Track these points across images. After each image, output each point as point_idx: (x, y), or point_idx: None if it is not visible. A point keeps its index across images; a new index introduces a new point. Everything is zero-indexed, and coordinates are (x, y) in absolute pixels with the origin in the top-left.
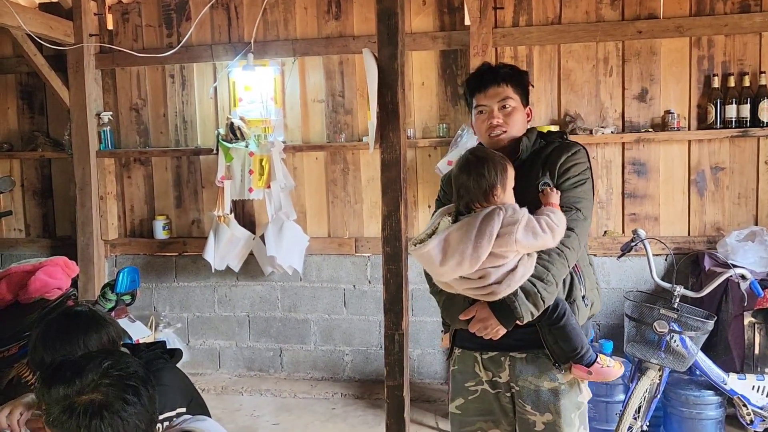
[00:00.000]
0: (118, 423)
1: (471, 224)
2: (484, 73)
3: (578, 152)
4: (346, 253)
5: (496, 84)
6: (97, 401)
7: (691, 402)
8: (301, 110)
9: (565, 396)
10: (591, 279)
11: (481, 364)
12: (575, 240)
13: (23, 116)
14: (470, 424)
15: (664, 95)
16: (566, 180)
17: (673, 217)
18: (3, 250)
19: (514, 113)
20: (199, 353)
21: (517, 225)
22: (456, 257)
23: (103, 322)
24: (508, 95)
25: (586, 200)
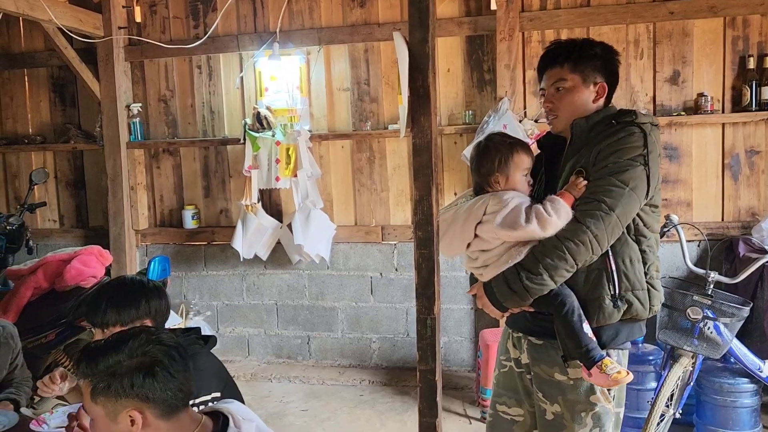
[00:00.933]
0: (168, 378)
1: (466, 208)
2: (545, 55)
3: (629, 137)
4: (372, 241)
5: (552, 65)
6: (147, 361)
7: (726, 390)
8: (326, 99)
9: (573, 392)
10: (635, 278)
11: (512, 341)
12: (584, 234)
13: (56, 109)
14: (499, 396)
15: (697, 77)
16: (601, 168)
17: (706, 202)
18: (38, 240)
19: (567, 95)
20: (228, 341)
21: (497, 214)
22: (447, 237)
23: (163, 294)
24: (562, 76)
25: (620, 190)
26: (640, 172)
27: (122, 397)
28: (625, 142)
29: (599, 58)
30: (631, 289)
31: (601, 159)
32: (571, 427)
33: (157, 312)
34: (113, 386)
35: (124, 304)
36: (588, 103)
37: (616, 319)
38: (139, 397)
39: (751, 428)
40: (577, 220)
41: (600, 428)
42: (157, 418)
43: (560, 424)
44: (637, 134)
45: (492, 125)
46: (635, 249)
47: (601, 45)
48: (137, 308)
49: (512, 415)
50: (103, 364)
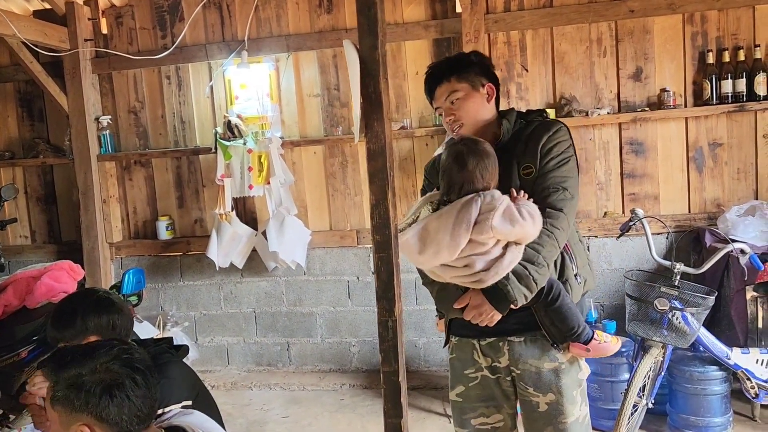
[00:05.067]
0: (125, 402)
1: (449, 213)
2: (428, 79)
3: (559, 130)
4: (348, 245)
5: (438, 84)
6: (107, 380)
7: (696, 378)
8: (297, 105)
9: (566, 374)
10: (582, 256)
11: (479, 351)
12: (564, 220)
13: (23, 124)
14: (472, 410)
15: (659, 73)
16: (550, 160)
17: (672, 195)
18: (10, 257)
19: (464, 102)
20: (207, 350)
21: (493, 212)
22: (434, 246)
23: (110, 308)
24: (452, 89)
25: (572, 178)
26: (574, 162)
27: (77, 411)
28: (558, 136)
29: (476, 64)
30: (583, 265)
31: (545, 153)
32: (568, 409)
33: (98, 328)
34: (70, 398)
35: (60, 321)
36: (484, 104)
37: (579, 296)
38: (93, 415)
39: (722, 414)
40: (554, 208)
41: (585, 401)
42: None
43: (557, 411)
44: (564, 129)
45: None
46: (574, 230)
47: (474, 53)
48: (73, 326)
49: (492, 423)
50: (66, 373)
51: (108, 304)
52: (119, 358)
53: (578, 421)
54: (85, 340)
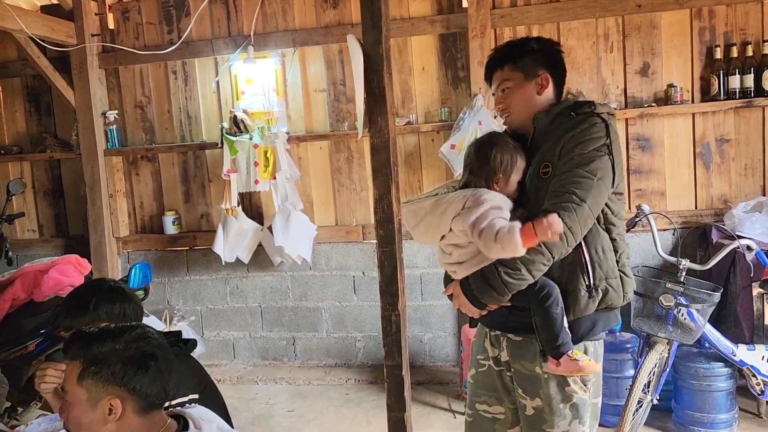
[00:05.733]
0: (157, 375)
1: (446, 199)
2: (487, 63)
3: (592, 127)
4: (354, 240)
5: (495, 70)
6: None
7: (701, 374)
8: (303, 100)
9: (552, 385)
10: (608, 266)
11: (489, 340)
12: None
13: (31, 119)
14: (478, 396)
15: (666, 69)
16: (569, 160)
17: (679, 191)
18: (18, 251)
19: (512, 93)
20: (213, 345)
21: (472, 210)
22: (423, 225)
23: (121, 296)
24: (505, 78)
25: (589, 180)
26: (605, 162)
27: (109, 384)
28: (588, 133)
29: (536, 52)
30: (605, 278)
31: (566, 152)
32: (551, 420)
33: (110, 316)
34: (104, 371)
35: (73, 309)
36: (534, 96)
37: (592, 309)
38: (126, 387)
39: (727, 411)
40: (549, 212)
41: (579, 419)
42: (133, 413)
43: (541, 418)
44: (599, 124)
45: (467, 122)
46: (606, 238)
47: (537, 39)
48: (86, 312)
49: (493, 414)
50: (97, 349)
51: (119, 293)
52: (146, 335)
53: None
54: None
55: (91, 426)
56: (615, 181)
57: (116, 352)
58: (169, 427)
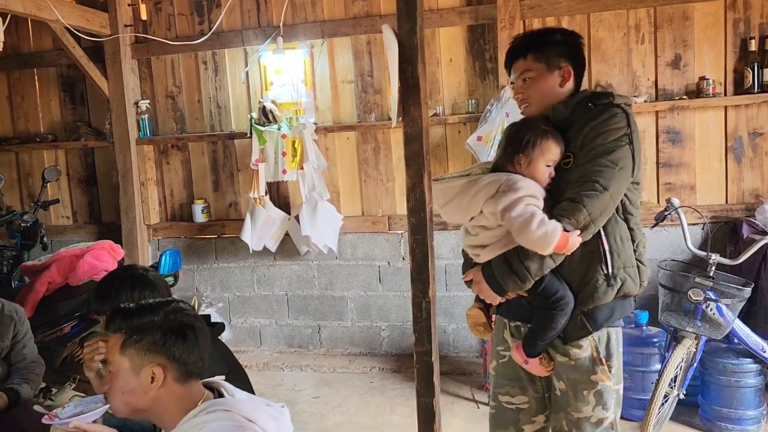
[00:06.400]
0: (195, 343)
1: (478, 181)
2: (508, 50)
3: (612, 117)
4: (379, 230)
5: (516, 59)
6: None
7: (729, 370)
8: (331, 91)
9: (576, 371)
10: (626, 256)
11: (509, 331)
12: (581, 213)
13: (66, 107)
14: (500, 387)
15: (699, 61)
16: (590, 150)
17: (709, 185)
18: (52, 236)
19: (534, 84)
20: (240, 331)
21: (505, 195)
22: (453, 204)
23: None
24: (527, 67)
25: (611, 170)
26: (626, 152)
27: (151, 352)
28: (609, 123)
29: (561, 44)
30: (623, 266)
31: (588, 141)
32: (575, 405)
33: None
34: (145, 340)
35: (99, 294)
36: (555, 88)
37: (610, 298)
38: (167, 355)
39: (755, 408)
40: (573, 200)
41: (602, 405)
42: (174, 381)
43: (566, 401)
44: (620, 115)
45: (495, 114)
46: (624, 228)
47: (562, 31)
48: (108, 299)
49: (517, 404)
50: (138, 320)
51: (142, 281)
52: (181, 308)
53: (590, 421)
54: None
55: (134, 394)
56: (634, 170)
57: (156, 322)
58: (207, 398)
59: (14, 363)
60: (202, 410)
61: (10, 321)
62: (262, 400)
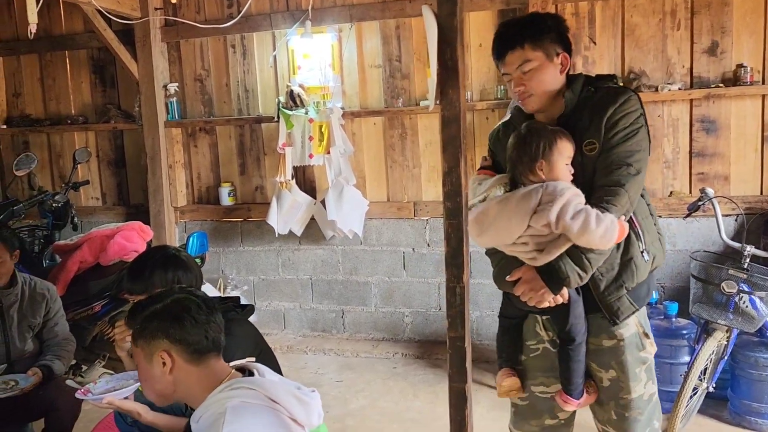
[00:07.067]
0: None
1: (510, 200)
2: (498, 41)
3: (628, 100)
4: (405, 216)
5: (510, 49)
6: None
7: (761, 364)
8: (358, 76)
9: (626, 351)
10: (651, 232)
11: (541, 325)
12: (623, 196)
13: (96, 90)
14: (534, 378)
15: (737, 48)
16: (615, 134)
17: (744, 175)
18: (82, 217)
19: (536, 73)
20: (265, 314)
21: (553, 204)
22: (492, 231)
23: (176, 264)
24: (526, 58)
25: (639, 152)
26: (645, 132)
27: (155, 339)
28: (627, 107)
29: (553, 30)
30: (651, 242)
31: (611, 126)
32: (629, 386)
33: (164, 282)
34: (148, 329)
35: (132, 274)
36: (556, 76)
37: (647, 274)
38: (168, 338)
39: None
40: (613, 186)
41: (651, 379)
42: (186, 362)
43: (617, 387)
44: (633, 97)
45: None
46: (644, 203)
47: (550, 16)
48: (141, 278)
49: (552, 392)
50: (143, 312)
51: (174, 261)
52: (182, 292)
53: (642, 398)
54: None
55: (156, 380)
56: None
57: (155, 311)
58: (233, 375)
59: (46, 339)
60: (226, 387)
61: (42, 299)
62: (294, 383)
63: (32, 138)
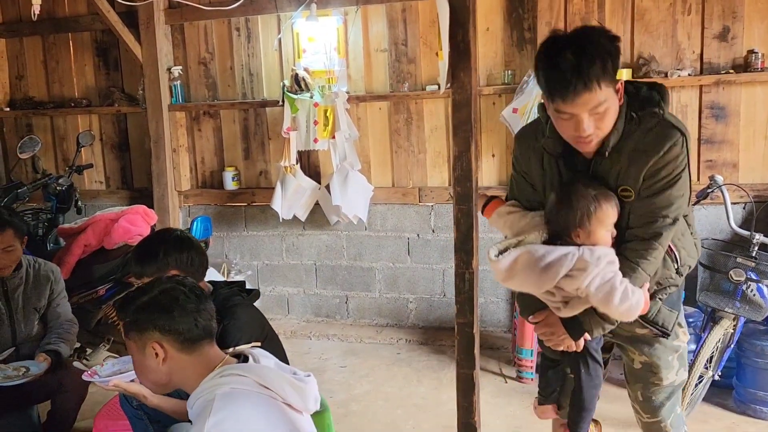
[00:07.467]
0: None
1: (543, 258)
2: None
3: (674, 146)
4: (409, 202)
5: (582, 90)
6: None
7: (767, 353)
8: (364, 60)
9: (660, 340)
10: (687, 245)
11: None
12: (658, 250)
13: (100, 72)
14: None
15: (748, 34)
16: (655, 183)
17: (753, 163)
18: (86, 201)
19: (608, 115)
20: (269, 299)
21: (584, 271)
22: (519, 280)
23: (189, 245)
24: (599, 101)
25: (679, 198)
26: (686, 176)
27: (145, 330)
28: (671, 155)
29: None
30: (687, 255)
31: (651, 175)
32: (660, 373)
33: (179, 263)
34: (138, 321)
35: (144, 257)
36: (617, 109)
37: (679, 283)
38: (158, 329)
39: None
40: (650, 238)
41: (684, 367)
42: (179, 352)
43: (649, 373)
44: (679, 140)
45: (531, 85)
46: (683, 222)
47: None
48: (156, 260)
49: None
50: (131, 305)
51: (188, 242)
52: (171, 282)
53: (673, 385)
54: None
55: (151, 371)
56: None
57: (144, 303)
58: (228, 361)
59: (49, 321)
60: (217, 374)
61: (46, 281)
62: (289, 368)
63: (36, 121)
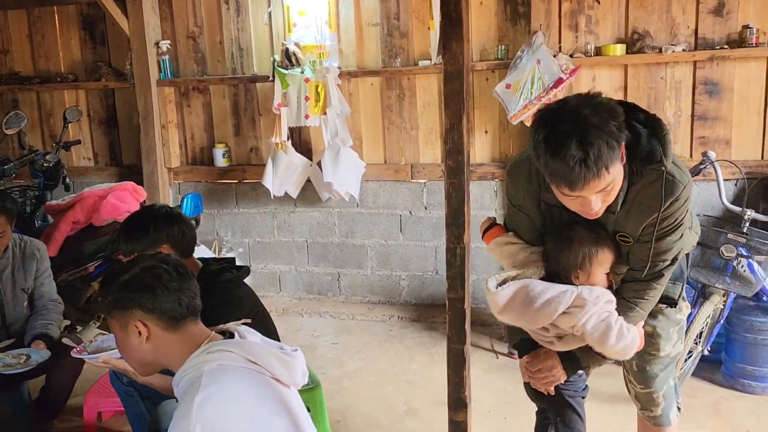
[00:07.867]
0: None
1: (542, 294)
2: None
3: (678, 199)
4: (402, 179)
5: (596, 178)
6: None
7: (756, 328)
8: (355, 34)
9: (663, 312)
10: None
11: None
12: (657, 290)
13: (86, 47)
14: None
15: (743, 9)
16: (655, 231)
17: (745, 139)
18: (74, 177)
19: (615, 187)
20: (260, 277)
21: (581, 309)
22: (515, 314)
23: (179, 219)
24: (607, 182)
25: (677, 242)
26: (688, 218)
27: (127, 309)
28: (674, 208)
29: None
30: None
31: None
32: (659, 344)
33: (170, 237)
34: (120, 300)
35: (133, 233)
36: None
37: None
38: (141, 308)
39: None
40: (649, 279)
41: (681, 339)
42: (162, 330)
43: (648, 343)
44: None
45: (525, 60)
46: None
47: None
48: (147, 236)
49: None
50: (114, 284)
51: (177, 216)
52: (154, 259)
53: (669, 356)
54: (158, 250)
55: (134, 350)
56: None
57: (126, 281)
58: (213, 338)
59: (35, 301)
60: (203, 350)
61: (32, 259)
62: (276, 343)
63: (21, 96)
